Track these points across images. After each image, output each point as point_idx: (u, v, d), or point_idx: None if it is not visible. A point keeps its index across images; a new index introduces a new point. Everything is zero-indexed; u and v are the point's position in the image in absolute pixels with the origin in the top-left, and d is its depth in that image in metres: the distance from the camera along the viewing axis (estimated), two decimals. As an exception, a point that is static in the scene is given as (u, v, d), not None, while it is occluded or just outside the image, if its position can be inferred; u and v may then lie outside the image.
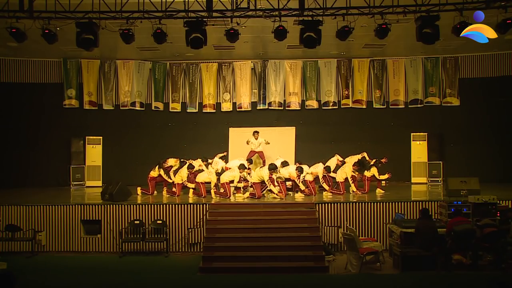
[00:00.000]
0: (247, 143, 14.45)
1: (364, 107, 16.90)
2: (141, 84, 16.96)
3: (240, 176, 12.84)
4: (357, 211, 11.72)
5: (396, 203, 11.84)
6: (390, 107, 16.91)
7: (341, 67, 16.91)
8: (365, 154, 14.01)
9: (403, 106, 16.85)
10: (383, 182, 13.82)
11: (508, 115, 16.07)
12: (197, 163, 13.49)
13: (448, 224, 10.08)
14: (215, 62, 16.95)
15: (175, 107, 17.08)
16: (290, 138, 15.61)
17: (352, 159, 13.64)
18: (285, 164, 13.06)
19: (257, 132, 14.60)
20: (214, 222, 11.43)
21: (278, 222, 11.34)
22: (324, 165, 13.36)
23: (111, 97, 16.92)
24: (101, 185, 15.74)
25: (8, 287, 7.21)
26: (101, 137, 16.54)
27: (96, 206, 12.00)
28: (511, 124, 16.03)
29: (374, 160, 13.71)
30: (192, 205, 11.93)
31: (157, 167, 13.58)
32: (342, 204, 11.82)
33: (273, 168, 12.46)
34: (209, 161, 13.88)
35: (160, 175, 13.56)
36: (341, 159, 13.94)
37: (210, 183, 13.00)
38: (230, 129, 16.41)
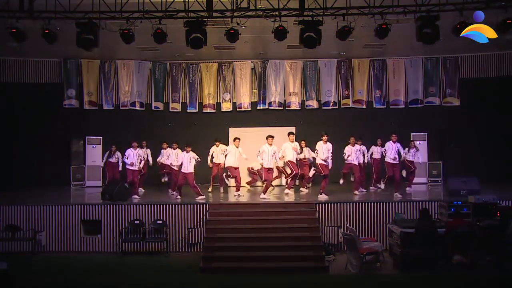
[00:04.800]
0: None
1: (364, 107, 16.91)
2: (141, 84, 16.96)
3: None
4: (357, 211, 11.73)
5: (396, 203, 11.85)
6: (390, 107, 16.91)
7: (341, 67, 16.92)
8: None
9: (403, 106, 16.85)
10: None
11: (508, 115, 16.06)
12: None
13: (448, 224, 10.09)
14: (215, 62, 16.96)
15: (175, 107, 17.09)
16: (290, 138, 15.58)
17: None
18: None
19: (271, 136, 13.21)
20: (214, 222, 11.43)
21: (278, 222, 11.34)
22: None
23: (111, 97, 16.92)
24: (101, 185, 15.75)
25: (8, 287, 7.22)
26: (101, 137, 16.54)
27: (96, 206, 12.01)
28: (511, 124, 16.01)
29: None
30: (192, 205, 11.94)
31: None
32: (342, 204, 11.82)
33: None
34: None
35: None
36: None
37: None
38: (230, 129, 16.41)
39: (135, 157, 13.52)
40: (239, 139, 13.85)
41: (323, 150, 12.83)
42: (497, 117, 16.23)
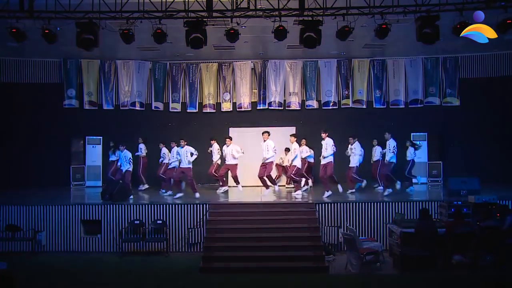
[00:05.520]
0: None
1: (364, 107, 16.91)
2: (141, 84, 16.96)
3: None
4: (357, 211, 11.73)
5: (396, 203, 11.84)
6: (390, 107, 16.91)
7: (341, 67, 16.91)
8: None
9: (403, 106, 16.85)
10: None
11: (508, 115, 16.06)
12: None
13: (448, 224, 10.09)
14: (215, 62, 16.95)
15: (175, 107, 17.09)
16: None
17: None
18: None
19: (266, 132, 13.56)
20: (214, 222, 11.43)
21: (278, 222, 11.34)
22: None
23: (111, 97, 16.92)
24: (101, 185, 15.75)
25: (8, 287, 7.22)
26: (101, 137, 16.54)
27: (96, 206, 12.01)
28: (511, 124, 16.01)
29: None
30: (192, 205, 11.94)
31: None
32: (342, 204, 11.82)
33: None
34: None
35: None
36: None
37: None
38: (230, 129, 16.42)
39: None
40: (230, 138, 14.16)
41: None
42: (497, 117, 16.24)
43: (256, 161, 14.01)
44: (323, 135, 13.13)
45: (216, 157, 14.52)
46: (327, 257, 10.38)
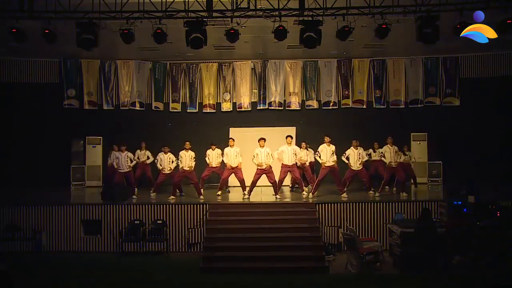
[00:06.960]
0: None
1: (364, 107, 16.90)
2: (141, 84, 16.95)
3: None
4: (357, 211, 11.74)
5: (396, 203, 11.85)
6: (390, 107, 16.90)
7: (341, 67, 16.91)
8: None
9: (403, 106, 16.84)
10: None
11: (508, 115, 16.06)
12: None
13: (448, 224, 10.09)
14: (215, 62, 16.95)
15: (175, 107, 17.08)
16: (290, 138, 15.57)
17: None
18: None
19: (263, 139, 13.29)
20: (214, 222, 11.45)
21: (278, 222, 11.35)
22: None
23: (111, 97, 16.91)
24: (101, 185, 15.75)
25: (8, 286, 7.23)
26: (101, 137, 16.53)
27: (96, 206, 12.02)
28: (511, 124, 16.01)
29: None
30: (192, 205, 11.95)
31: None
32: (342, 204, 11.84)
33: None
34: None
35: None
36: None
37: None
38: (230, 129, 16.42)
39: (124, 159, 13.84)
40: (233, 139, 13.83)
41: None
42: (497, 117, 16.21)
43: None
44: (328, 139, 13.12)
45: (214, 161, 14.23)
46: (327, 257, 10.39)
